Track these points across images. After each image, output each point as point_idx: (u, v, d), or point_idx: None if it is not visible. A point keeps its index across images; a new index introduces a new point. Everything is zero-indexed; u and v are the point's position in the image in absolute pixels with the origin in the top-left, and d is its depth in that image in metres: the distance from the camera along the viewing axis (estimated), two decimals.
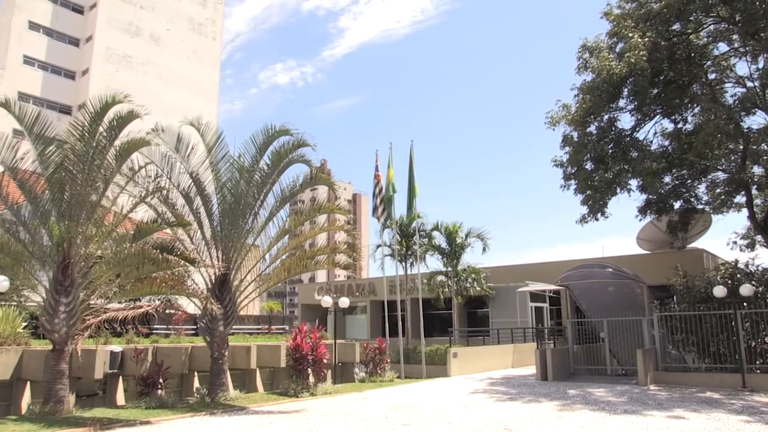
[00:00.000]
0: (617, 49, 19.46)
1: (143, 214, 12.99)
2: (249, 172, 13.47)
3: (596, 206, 20.65)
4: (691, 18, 18.79)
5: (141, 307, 12.62)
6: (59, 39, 51.12)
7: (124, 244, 11.74)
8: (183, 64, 56.52)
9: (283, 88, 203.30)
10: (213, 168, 13.67)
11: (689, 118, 20.85)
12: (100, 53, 51.25)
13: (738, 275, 16.73)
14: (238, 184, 13.55)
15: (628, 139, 20.33)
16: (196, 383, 15.53)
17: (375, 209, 22.13)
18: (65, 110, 49.72)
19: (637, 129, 20.75)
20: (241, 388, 14.81)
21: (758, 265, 17.27)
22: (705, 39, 19.72)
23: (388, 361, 18.98)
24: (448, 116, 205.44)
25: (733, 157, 20.11)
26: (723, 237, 79.45)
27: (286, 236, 15.01)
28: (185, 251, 12.90)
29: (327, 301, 19.33)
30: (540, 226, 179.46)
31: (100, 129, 11.30)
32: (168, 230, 13.34)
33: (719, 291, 15.52)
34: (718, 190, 22.53)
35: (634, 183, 20.50)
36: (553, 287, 23.67)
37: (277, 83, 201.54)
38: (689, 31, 19.21)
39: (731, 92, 20.68)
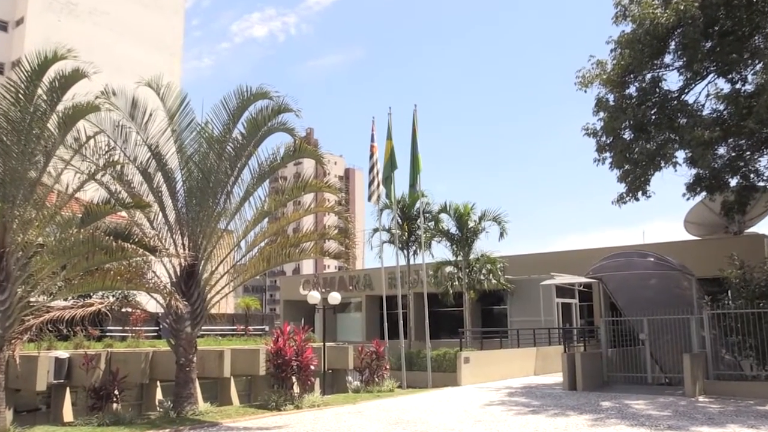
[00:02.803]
0: None
1: (93, 193, 12.93)
2: (220, 142, 13.41)
3: (636, 183, 20.56)
4: None
5: (92, 305, 12.62)
6: None
7: (71, 230, 11.68)
8: (139, 12, 55.98)
9: (261, 42, 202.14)
10: (176, 138, 13.63)
11: (749, 77, 20.66)
12: None
13: None
14: (207, 157, 13.51)
15: (675, 102, 20.19)
16: (159, 395, 15.62)
17: (370, 186, 22.06)
18: None
19: (686, 90, 20.60)
20: (213, 401, 14.92)
21: None
22: None
23: (387, 367, 19.07)
24: (459, 76, 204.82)
25: None
26: None
27: (265, 219, 15.00)
28: (144, 238, 12.85)
29: (314, 296, 19.37)
30: (568, 208, 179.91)
31: (39, 91, 11.17)
32: (123, 213, 13.30)
33: None
34: None
35: (681, 155, 20.39)
36: (583, 280, 23.70)
37: (254, 36, 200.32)
38: None
39: None
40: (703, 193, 22.64)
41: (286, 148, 13.97)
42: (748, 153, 21.46)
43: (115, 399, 13.28)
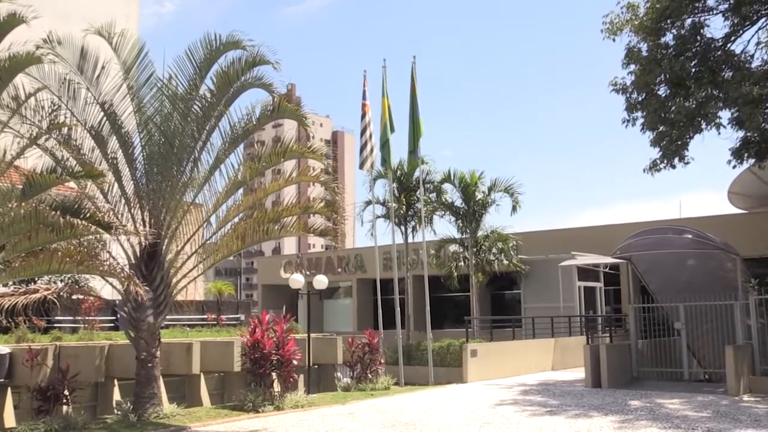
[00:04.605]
0: None
1: (36, 161, 12.84)
2: (185, 101, 13.36)
3: (672, 148, 20.52)
4: None
5: (36, 291, 12.57)
6: None
7: (10, 204, 11.55)
8: None
9: None
10: (134, 96, 13.52)
11: None
12: None
13: None
14: (170, 117, 13.45)
15: (720, 52, 20.08)
16: (117, 395, 15.64)
17: (362, 151, 21.95)
18: None
19: (733, 38, 20.47)
20: (180, 401, 14.93)
21: None
22: None
23: (382, 361, 19.18)
24: (465, 24, 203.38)
25: None
26: None
27: (240, 191, 14.97)
28: (97, 213, 12.76)
29: (297, 280, 19.34)
30: (593, 177, 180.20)
31: None
32: (72, 184, 13.22)
33: None
34: None
35: (726, 115, 20.33)
36: (609, 260, 23.74)
37: None
38: None
39: None
40: (752, 160, 22.58)
41: (263, 107, 13.89)
42: None
43: (65, 400, 13.27)
